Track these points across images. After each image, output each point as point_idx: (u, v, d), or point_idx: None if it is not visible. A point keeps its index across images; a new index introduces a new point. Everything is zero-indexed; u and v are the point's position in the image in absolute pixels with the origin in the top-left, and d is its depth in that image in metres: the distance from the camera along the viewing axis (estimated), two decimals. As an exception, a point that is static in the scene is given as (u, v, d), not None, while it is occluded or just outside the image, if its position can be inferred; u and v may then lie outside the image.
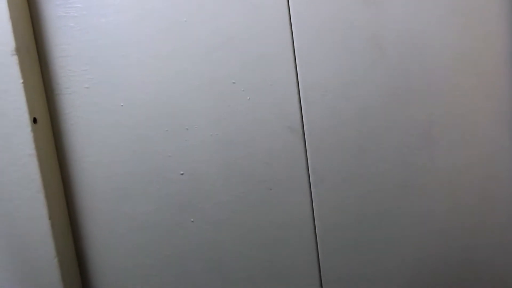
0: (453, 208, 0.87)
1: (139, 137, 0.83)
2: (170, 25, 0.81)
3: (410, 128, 0.85)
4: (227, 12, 0.82)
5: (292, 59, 0.83)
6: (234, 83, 0.83)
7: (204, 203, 0.85)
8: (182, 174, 0.84)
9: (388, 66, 0.84)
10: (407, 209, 0.87)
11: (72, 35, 0.81)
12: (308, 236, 0.87)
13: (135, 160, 0.83)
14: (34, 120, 0.79)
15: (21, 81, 0.77)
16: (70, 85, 0.82)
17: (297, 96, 0.84)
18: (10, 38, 0.76)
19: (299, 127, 0.84)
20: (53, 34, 0.81)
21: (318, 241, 0.87)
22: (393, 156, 0.86)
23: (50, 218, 0.80)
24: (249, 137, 0.84)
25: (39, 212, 0.79)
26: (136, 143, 0.83)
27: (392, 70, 0.84)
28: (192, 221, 0.85)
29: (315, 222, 0.86)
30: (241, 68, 0.83)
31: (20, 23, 0.78)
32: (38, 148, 0.79)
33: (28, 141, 0.78)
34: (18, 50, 0.76)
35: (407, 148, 0.85)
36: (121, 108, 0.82)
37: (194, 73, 0.82)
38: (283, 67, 0.83)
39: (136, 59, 0.82)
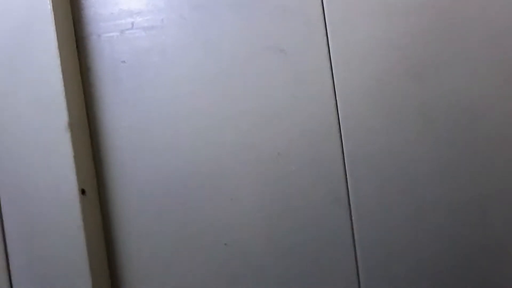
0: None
1: (184, 206, 0.83)
2: (220, 99, 0.83)
3: (462, 202, 0.82)
4: (273, 85, 0.83)
5: (338, 131, 0.82)
6: (279, 154, 0.83)
7: (247, 276, 0.83)
8: (225, 244, 0.83)
9: (437, 138, 0.82)
10: (461, 284, 0.83)
11: (123, 110, 0.83)
12: (354, 311, 0.83)
13: (180, 230, 0.83)
14: (83, 192, 0.80)
15: (73, 154, 0.79)
16: (118, 157, 0.83)
17: (342, 168, 0.83)
18: (64, 114, 0.79)
19: (345, 200, 0.83)
20: (104, 109, 0.83)
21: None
22: (444, 231, 0.82)
23: (94, 289, 0.80)
24: (293, 209, 0.83)
25: (84, 283, 0.80)
26: (180, 212, 0.83)
27: (441, 143, 0.82)
28: (235, 294, 0.84)
29: (361, 296, 0.83)
30: (286, 140, 0.83)
31: (74, 99, 0.81)
32: (85, 220, 0.80)
33: (76, 213, 0.79)
34: (71, 125, 0.79)
35: (459, 223, 0.82)
36: (166, 179, 0.83)
37: (240, 144, 0.83)
38: (328, 139, 0.83)
39: (185, 131, 0.83)
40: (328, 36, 0.83)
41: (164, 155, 0.83)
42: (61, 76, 0.79)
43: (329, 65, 0.83)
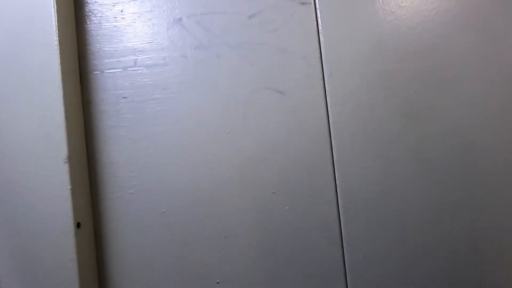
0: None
1: (178, 243, 0.84)
2: (215, 136, 0.84)
3: (456, 244, 0.83)
4: (270, 125, 0.85)
5: (332, 170, 0.84)
6: (273, 192, 0.84)
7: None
8: (218, 283, 0.83)
9: (429, 178, 0.84)
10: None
11: (122, 143, 0.85)
12: None
13: (173, 266, 0.83)
14: (78, 225, 0.81)
15: (70, 187, 0.80)
16: (115, 190, 0.84)
17: (336, 207, 0.84)
18: (64, 147, 0.80)
19: (338, 238, 0.84)
20: (103, 142, 0.85)
21: None
22: (439, 273, 0.83)
23: (84, 325, 0.79)
24: (287, 247, 0.83)
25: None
26: (175, 249, 0.84)
27: (434, 182, 0.83)
28: (226, 332, 0.83)
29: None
30: (281, 178, 0.84)
31: (74, 132, 0.82)
32: (79, 253, 0.80)
33: (70, 245, 0.79)
34: (70, 158, 0.80)
35: (453, 265, 0.83)
36: (162, 215, 0.84)
37: (235, 182, 0.84)
38: (322, 178, 0.84)
39: (180, 167, 0.84)
40: (325, 77, 0.85)
41: (161, 191, 0.84)
42: (63, 109, 0.80)
43: (325, 105, 0.85)
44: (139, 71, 0.86)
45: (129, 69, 0.86)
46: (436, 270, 0.83)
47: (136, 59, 0.86)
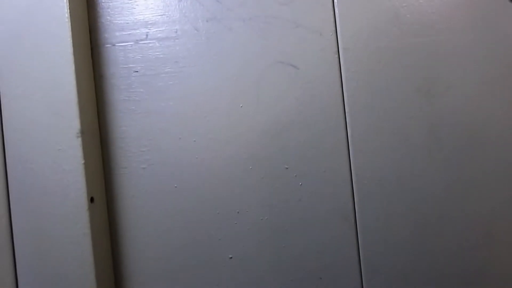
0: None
1: (191, 219, 0.84)
2: (227, 111, 0.83)
3: (469, 223, 0.82)
4: (284, 99, 0.83)
5: (346, 147, 0.83)
6: (287, 168, 0.83)
7: (251, 289, 0.83)
8: (230, 257, 0.83)
9: (445, 158, 0.82)
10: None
11: (133, 118, 0.84)
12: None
13: (185, 240, 0.83)
14: (91, 200, 0.81)
15: (83, 162, 0.79)
16: (128, 165, 0.84)
17: (350, 185, 0.83)
18: (77, 121, 0.79)
19: (351, 216, 0.83)
20: (115, 116, 0.84)
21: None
22: (451, 252, 0.82)
23: (99, 297, 0.80)
24: (300, 223, 0.83)
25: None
26: (187, 224, 0.84)
27: (449, 162, 0.82)
28: (238, 306, 0.83)
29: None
30: (294, 154, 0.83)
31: (86, 106, 0.82)
32: (93, 227, 0.80)
33: (84, 220, 0.80)
34: (83, 133, 0.80)
35: (466, 243, 0.82)
36: (175, 190, 0.83)
37: (247, 158, 0.83)
38: (336, 154, 0.83)
39: (192, 142, 0.83)
40: (340, 52, 0.83)
41: (173, 166, 0.84)
42: (74, 83, 0.79)
43: (339, 80, 0.83)
44: (151, 45, 0.84)
45: (140, 42, 0.84)
46: (450, 247, 0.82)
47: (147, 32, 0.84)
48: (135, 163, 0.84)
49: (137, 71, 0.84)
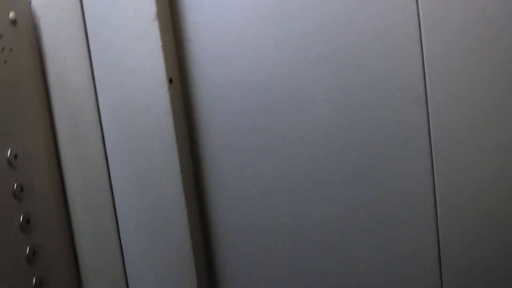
0: None
1: (261, 97, 0.87)
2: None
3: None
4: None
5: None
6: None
7: (319, 172, 0.87)
8: (302, 138, 0.86)
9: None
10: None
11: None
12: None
13: (259, 122, 0.87)
14: (170, 80, 0.85)
15: (161, 44, 0.83)
16: (201, 50, 0.88)
17: (421, 67, 0.79)
18: (152, 4, 0.83)
19: (422, 99, 0.80)
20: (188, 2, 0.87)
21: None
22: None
23: (181, 172, 0.87)
24: (370, 107, 0.83)
25: (171, 165, 0.87)
26: (259, 103, 0.87)
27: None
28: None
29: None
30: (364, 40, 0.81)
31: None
32: (173, 106, 0.85)
33: (164, 99, 0.85)
34: (159, 16, 0.83)
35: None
36: (250, 76, 0.87)
37: (317, 40, 0.83)
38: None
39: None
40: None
41: (248, 56, 0.86)
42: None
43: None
44: None
45: None
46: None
47: None
48: (210, 51, 0.87)
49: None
